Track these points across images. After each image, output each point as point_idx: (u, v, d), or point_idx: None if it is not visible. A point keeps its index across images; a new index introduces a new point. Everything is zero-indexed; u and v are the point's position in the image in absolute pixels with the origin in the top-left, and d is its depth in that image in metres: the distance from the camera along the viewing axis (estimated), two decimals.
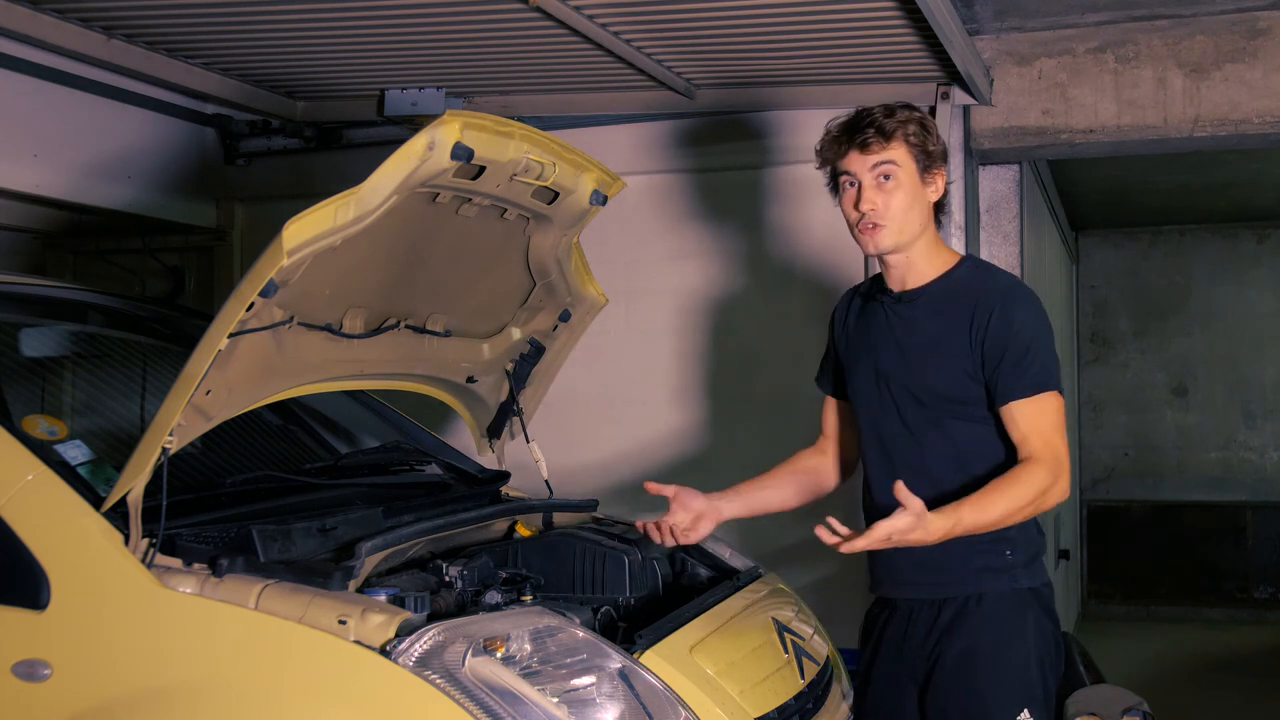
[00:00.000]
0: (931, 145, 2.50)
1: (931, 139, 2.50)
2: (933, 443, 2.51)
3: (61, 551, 2.24)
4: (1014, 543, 2.48)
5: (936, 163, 2.51)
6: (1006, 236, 4.80)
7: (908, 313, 2.55)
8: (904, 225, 2.48)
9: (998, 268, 2.66)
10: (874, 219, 2.47)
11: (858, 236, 2.52)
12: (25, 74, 4.23)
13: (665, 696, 2.16)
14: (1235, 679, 6.85)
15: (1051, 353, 2.49)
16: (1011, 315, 2.44)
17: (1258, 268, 8.89)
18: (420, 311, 2.89)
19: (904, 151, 2.47)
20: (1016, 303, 2.46)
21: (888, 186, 2.47)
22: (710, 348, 4.61)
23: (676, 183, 4.66)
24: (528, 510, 3.05)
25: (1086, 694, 3.92)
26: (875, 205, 2.46)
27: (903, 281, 2.56)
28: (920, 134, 2.49)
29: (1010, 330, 2.42)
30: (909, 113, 2.50)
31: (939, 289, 2.53)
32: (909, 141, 2.47)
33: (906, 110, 2.50)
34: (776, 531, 4.54)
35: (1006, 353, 2.42)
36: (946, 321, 2.48)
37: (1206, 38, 4.16)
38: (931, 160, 2.50)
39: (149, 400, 3.23)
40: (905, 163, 2.47)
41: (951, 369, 2.47)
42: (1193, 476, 8.96)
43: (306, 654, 2.10)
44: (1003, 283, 2.53)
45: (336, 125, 5.00)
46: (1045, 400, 2.44)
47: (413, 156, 2.23)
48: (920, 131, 2.49)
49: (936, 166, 2.51)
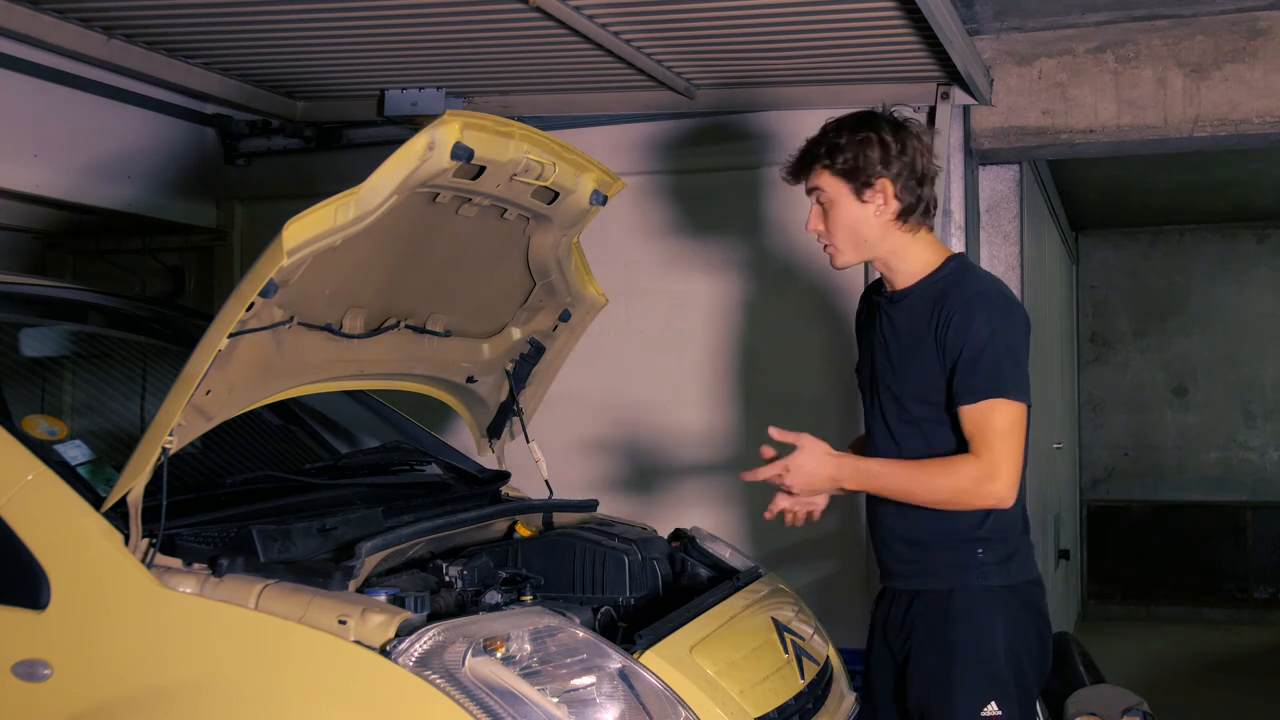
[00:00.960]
0: (863, 162, 2.49)
1: (861, 156, 2.49)
2: (909, 443, 2.57)
3: (61, 551, 2.24)
4: (987, 542, 2.54)
5: (873, 177, 2.50)
6: (1006, 236, 4.80)
7: (895, 314, 2.60)
8: (852, 244, 2.56)
9: (980, 271, 2.69)
10: (823, 241, 2.59)
11: None
12: (25, 74, 4.22)
13: (665, 696, 2.16)
14: (1235, 679, 6.85)
15: (1012, 361, 2.48)
16: (970, 320, 2.46)
17: (1258, 268, 8.89)
18: (420, 311, 2.89)
19: (826, 177, 2.52)
20: (978, 309, 2.48)
21: (818, 211, 2.57)
22: (710, 348, 4.61)
23: (676, 183, 4.66)
24: (528, 510, 3.05)
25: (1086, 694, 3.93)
26: (818, 229, 2.58)
27: (893, 285, 2.62)
28: (844, 161, 2.50)
29: (966, 335, 2.45)
30: (834, 137, 2.52)
31: (920, 292, 2.57)
32: (829, 165, 2.51)
33: (836, 132, 2.53)
34: (776, 532, 4.55)
35: (961, 357, 2.46)
36: (921, 324, 2.53)
37: (1206, 38, 4.16)
38: (865, 178, 2.50)
39: (149, 400, 3.23)
40: (831, 186, 2.53)
41: (922, 370, 2.52)
42: (1193, 476, 8.96)
43: (306, 654, 2.10)
44: (971, 288, 2.53)
45: (336, 125, 5.00)
46: (990, 407, 2.44)
47: (413, 156, 2.23)
48: (845, 154, 2.50)
49: (874, 180, 2.50)
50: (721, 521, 4.51)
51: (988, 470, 2.42)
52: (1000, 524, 2.54)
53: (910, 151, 2.51)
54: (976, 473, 2.43)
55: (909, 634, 2.60)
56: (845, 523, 4.35)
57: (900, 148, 2.50)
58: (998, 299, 2.54)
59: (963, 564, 2.54)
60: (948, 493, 2.46)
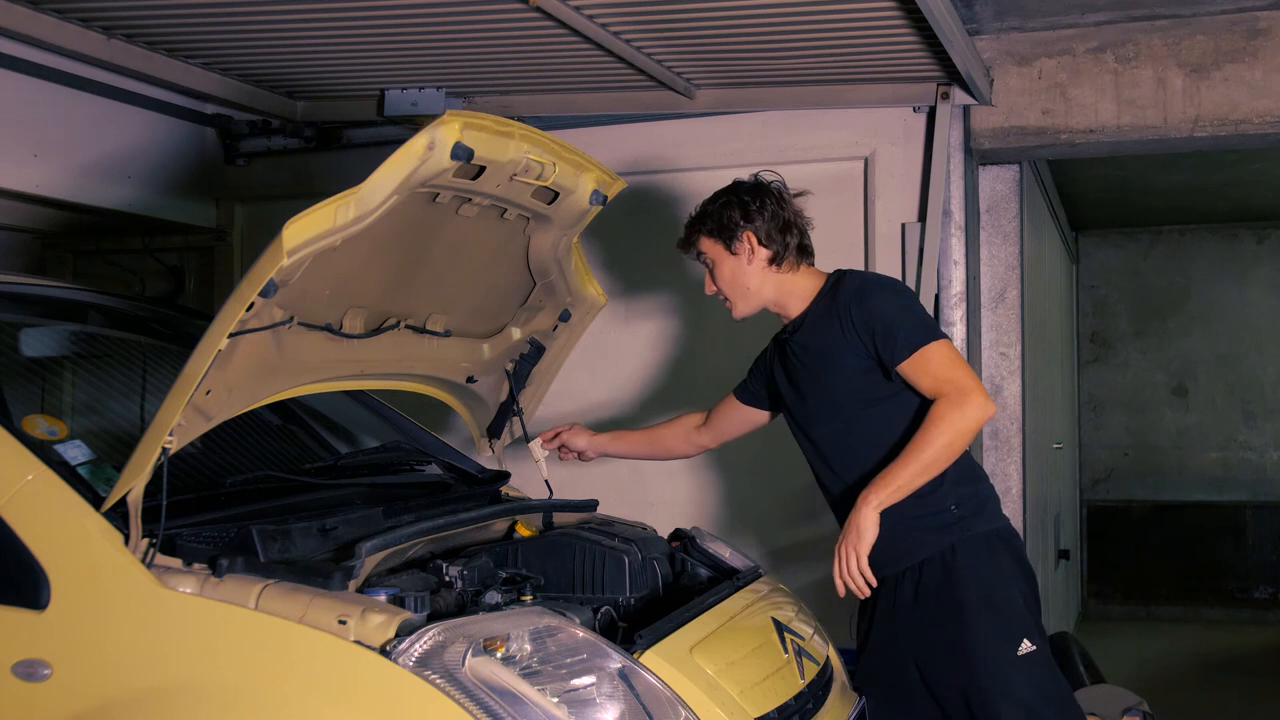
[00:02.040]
0: (727, 220, 2.88)
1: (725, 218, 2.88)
2: (856, 431, 2.84)
3: (61, 551, 2.24)
4: (953, 496, 2.79)
5: (735, 231, 2.87)
6: (1006, 236, 4.79)
7: (801, 339, 2.91)
8: (740, 294, 2.93)
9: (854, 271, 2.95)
10: (721, 298, 2.97)
11: None
12: (25, 74, 4.22)
13: (665, 696, 2.16)
14: (1235, 679, 6.85)
15: (916, 314, 2.81)
16: (865, 303, 2.78)
17: (1258, 268, 8.89)
18: (420, 311, 2.89)
19: (705, 241, 2.92)
20: (867, 290, 2.82)
21: (712, 272, 2.95)
22: (710, 348, 4.61)
23: (676, 183, 4.66)
24: (528, 510, 3.05)
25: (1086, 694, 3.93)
26: (711, 290, 2.97)
27: (789, 317, 2.96)
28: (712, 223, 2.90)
29: (869, 314, 2.76)
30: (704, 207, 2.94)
31: (812, 311, 2.90)
32: (704, 231, 2.91)
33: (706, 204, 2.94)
34: (776, 531, 4.55)
35: (875, 333, 2.75)
36: (824, 332, 2.84)
37: (1206, 38, 4.16)
38: (731, 233, 2.88)
39: (149, 400, 3.23)
40: (709, 248, 2.92)
41: (840, 367, 2.82)
42: (1193, 476, 8.95)
43: (306, 654, 2.10)
44: (853, 281, 2.87)
45: (336, 125, 5.00)
46: (924, 353, 2.72)
47: (413, 156, 2.23)
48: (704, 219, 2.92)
49: (737, 234, 2.87)
50: (721, 521, 4.51)
51: (956, 394, 2.68)
52: (961, 476, 2.80)
53: (769, 206, 2.88)
54: (953, 406, 2.67)
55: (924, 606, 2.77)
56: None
57: (759, 204, 2.87)
58: (876, 277, 2.96)
59: (944, 524, 2.78)
60: (950, 436, 2.68)
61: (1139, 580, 8.86)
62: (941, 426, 2.67)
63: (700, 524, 3.22)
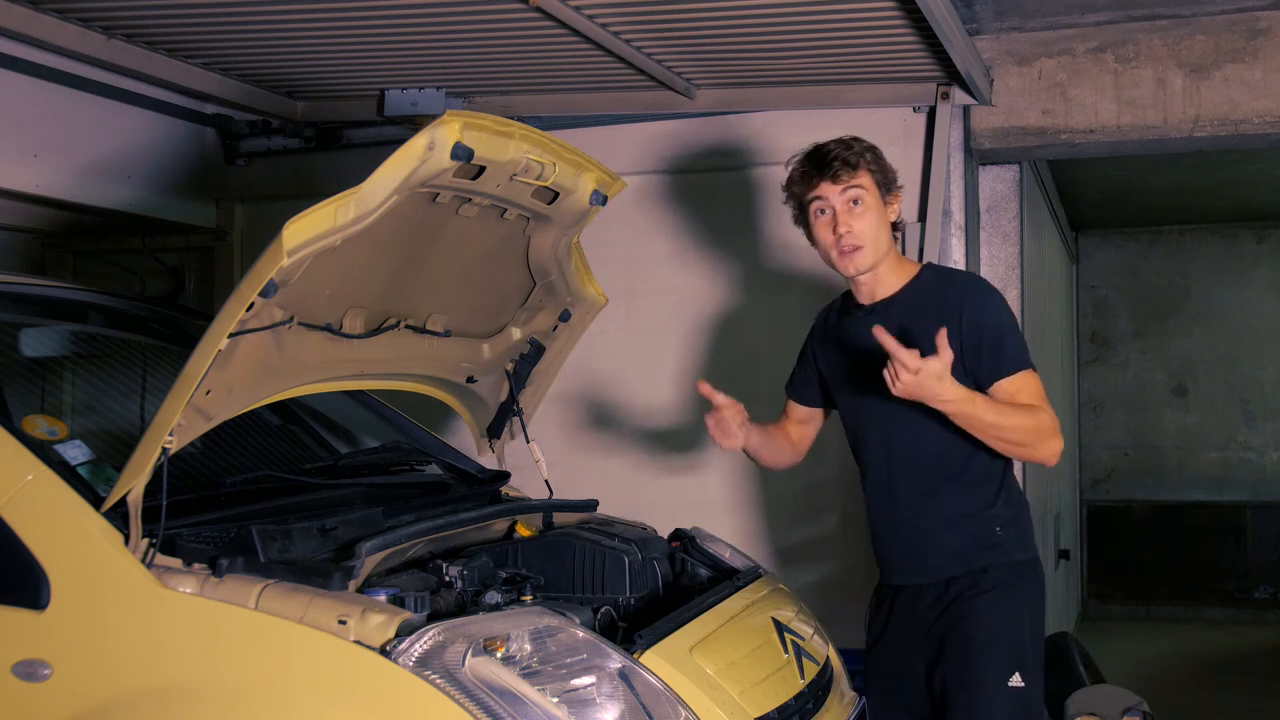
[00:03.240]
0: (888, 172, 2.76)
1: (886, 166, 2.76)
2: (925, 435, 2.69)
3: (61, 551, 2.24)
4: (1000, 519, 2.73)
5: (894, 187, 2.77)
6: (1006, 236, 4.79)
7: (880, 321, 2.66)
8: (876, 244, 2.72)
9: (958, 269, 2.85)
10: (851, 241, 2.70)
11: (836, 260, 2.74)
12: (25, 74, 4.22)
13: (665, 696, 2.16)
14: (1235, 679, 6.85)
15: (1022, 337, 2.73)
16: (982, 308, 2.68)
17: (1258, 268, 8.89)
18: (420, 311, 2.89)
19: (868, 178, 2.72)
20: (984, 294, 2.73)
21: (858, 211, 2.71)
22: (710, 348, 4.61)
23: (676, 183, 4.66)
24: (528, 510, 3.05)
25: (1086, 694, 3.93)
26: (851, 228, 2.69)
27: (872, 295, 2.79)
28: (877, 162, 2.75)
29: (984, 321, 2.65)
30: (863, 144, 2.76)
31: (907, 296, 2.76)
32: (870, 169, 2.73)
33: (859, 141, 2.76)
34: (776, 531, 4.56)
35: (983, 341, 2.63)
36: (919, 324, 2.64)
37: (1206, 38, 4.16)
38: (890, 184, 2.76)
39: (149, 400, 3.23)
40: (870, 188, 2.72)
41: None
42: (1193, 476, 8.96)
43: (306, 654, 2.10)
44: (967, 281, 2.80)
45: (336, 125, 5.00)
46: (1027, 376, 2.65)
47: (413, 156, 2.23)
48: (877, 159, 2.75)
49: (894, 190, 2.77)
50: (722, 521, 4.51)
51: (1053, 423, 2.60)
52: (1010, 500, 2.76)
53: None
54: (1051, 423, 2.59)
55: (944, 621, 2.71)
56: (845, 523, 4.36)
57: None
58: (991, 285, 2.81)
59: (986, 543, 2.71)
60: (1029, 434, 2.58)
61: (1139, 580, 8.86)
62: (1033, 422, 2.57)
63: (700, 524, 3.22)
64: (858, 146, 2.74)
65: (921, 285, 2.76)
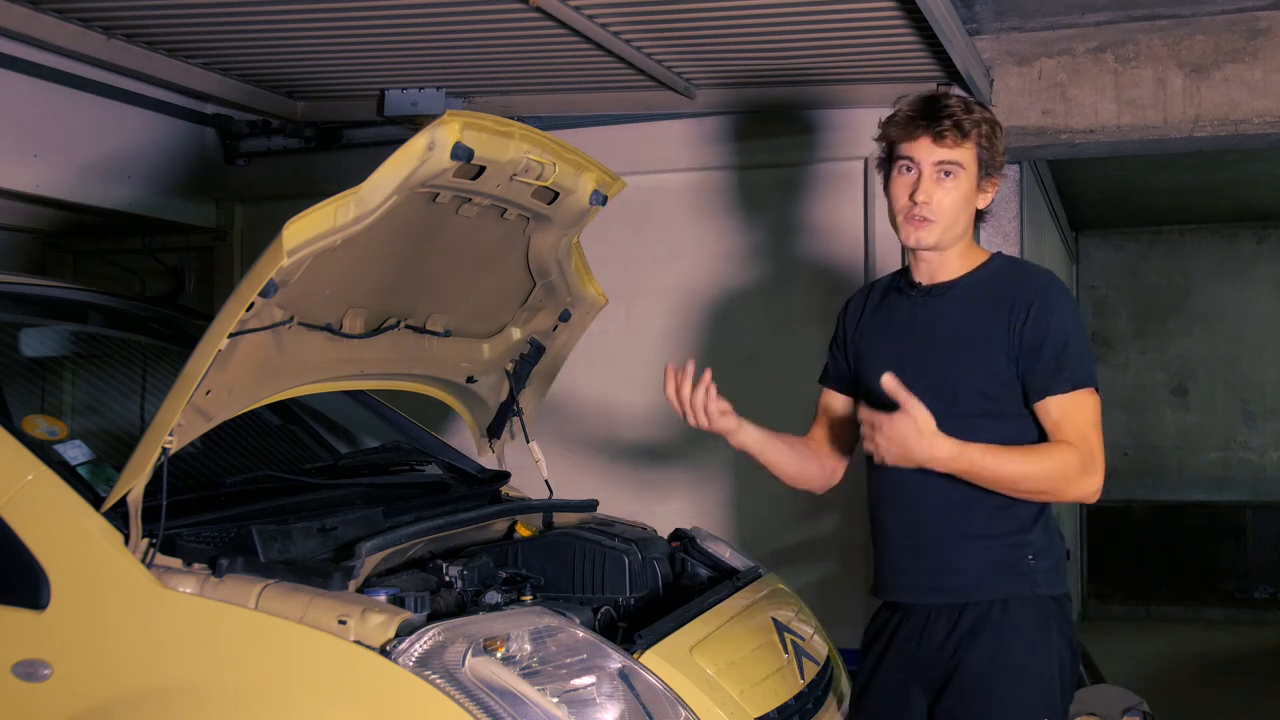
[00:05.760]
0: (997, 154, 2.45)
1: (998, 148, 2.45)
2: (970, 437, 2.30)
3: (61, 551, 2.24)
4: (1035, 547, 2.41)
5: (995, 171, 2.46)
6: (1006, 236, 4.79)
7: (937, 305, 2.47)
8: (951, 225, 2.42)
9: (1032, 263, 2.59)
10: (924, 213, 2.39)
11: (900, 225, 2.44)
12: (25, 74, 4.23)
13: (665, 696, 2.16)
14: (1235, 679, 6.84)
15: (1089, 350, 2.41)
16: (1051, 308, 2.36)
17: (1258, 268, 8.88)
18: (420, 311, 2.89)
19: (972, 154, 2.41)
20: (1056, 297, 2.39)
21: (946, 184, 2.40)
22: (710, 348, 4.61)
23: (676, 183, 4.66)
24: (528, 510, 3.05)
25: (1086, 694, 3.93)
26: (930, 199, 2.39)
27: (932, 276, 2.49)
28: (990, 139, 2.43)
29: (1050, 324, 2.34)
30: (984, 113, 2.44)
31: (971, 283, 2.46)
32: (979, 144, 2.41)
33: (982, 109, 2.45)
34: (776, 531, 4.55)
35: (1044, 346, 2.34)
36: (981, 315, 2.41)
37: (1206, 38, 4.16)
38: (993, 169, 2.45)
39: (149, 400, 3.23)
40: (970, 165, 2.41)
41: (984, 363, 2.38)
42: (1193, 476, 8.95)
43: (306, 654, 2.10)
44: (1041, 277, 2.46)
45: (336, 125, 5.00)
46: (1083, 397, 2.34)
47: (413, 156, 2.23)
48: (990, 136, 2.44)
49: (994, 175, 2.47)
50: (722, 522, 4.51)
51: (1088, 460, 2.30)
52: (1048, 529, 2.44)
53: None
54: (1081, 462, 2.29)
55: (955, 654, 2.38)
56: (845, 523, 4.36)
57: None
58: (1067, 289, 2.47)
59: (1014, 571, 2.39)
60: (1048, 481, 2.30)
61: (1139, 580, 8.86)
62: (1054, 467, 2.29)
63: (700, 524, 3.22)
64: (978, 114, 2.41)
65: (989, 273, 2.46)
